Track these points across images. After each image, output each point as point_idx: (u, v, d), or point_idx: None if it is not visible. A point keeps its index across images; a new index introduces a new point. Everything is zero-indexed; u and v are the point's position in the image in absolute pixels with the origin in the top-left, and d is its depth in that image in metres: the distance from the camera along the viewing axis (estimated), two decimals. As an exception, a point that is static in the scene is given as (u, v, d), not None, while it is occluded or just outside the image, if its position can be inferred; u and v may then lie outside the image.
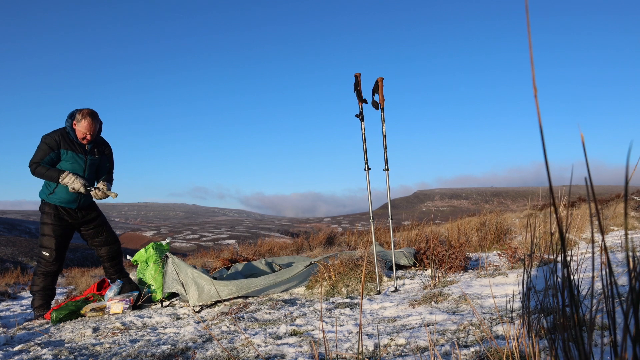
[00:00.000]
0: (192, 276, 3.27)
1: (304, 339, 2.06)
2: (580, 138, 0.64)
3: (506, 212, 9.96)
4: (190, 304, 3.21)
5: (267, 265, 4.07)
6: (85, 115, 3.45)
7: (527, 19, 0.56)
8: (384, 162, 3.29)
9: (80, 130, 3.45)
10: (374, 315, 2.44)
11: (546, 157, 0.64)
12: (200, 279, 3.24)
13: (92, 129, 3.47)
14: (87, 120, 3.44)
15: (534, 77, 0.59)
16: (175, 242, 58.33)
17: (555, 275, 1.03)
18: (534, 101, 0.60)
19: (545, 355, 1.37)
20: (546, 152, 0.64)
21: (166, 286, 3.44)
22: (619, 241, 4.30)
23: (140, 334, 2.54)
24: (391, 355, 1.73)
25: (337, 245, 6.72)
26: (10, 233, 39.13)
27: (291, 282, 3.38)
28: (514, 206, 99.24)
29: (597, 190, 0.65)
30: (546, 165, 0.66)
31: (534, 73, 0.59)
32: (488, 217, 6.27)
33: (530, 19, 0.58)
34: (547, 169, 0.66)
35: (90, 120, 3.45)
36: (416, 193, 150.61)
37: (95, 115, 3.53)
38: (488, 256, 4.17)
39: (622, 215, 6.17)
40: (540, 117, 0.62)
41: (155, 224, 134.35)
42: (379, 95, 3.23)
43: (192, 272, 3.28)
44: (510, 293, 2.40)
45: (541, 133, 0.62)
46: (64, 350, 2.31)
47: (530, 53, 0.57)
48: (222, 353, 1.99)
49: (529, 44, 0.58)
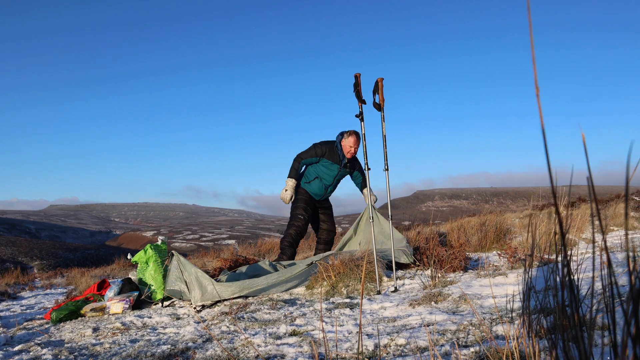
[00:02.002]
0: (196, 275, 3.27)
1: (304, 339, 2.06)
2: (582, 138, 0.64)
3: (506, 212, 9.97)
4: (193, 303, 3.22)
5: (270, 266, 4.07)
6: (352, 133, 4.45)
7: (529, 18, 0.56)
8: (384, 162, 3.29)
9: (346, 145, 4.46)
10: (374, 315, 2.44)
11: (548, 157, 0.64)
12: (203, 279, 3.25)
13: (356, 145, 4.45)
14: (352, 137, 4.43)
15: (535, 77, 0.59)
16: (175, 242, 58.30)
17: (555, 275, 1.03)
18: (536, 101, 0.60)
19: (545, 355, 1.37)
20: (548, 152, 0.64)
21: (169, 284, 3.44)
22: (619, 241, 4.30)
23: (140, 334, 2.54)
24: (391, 355, 1.73)
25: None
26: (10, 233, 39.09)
27: (293, 281, 3.38)
28: (514, 206, 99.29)
29: (597, 190, 0.65)
30: (548, 165, 0.66)
31: (535, 73, 0.59)
32: (488, 217, 6.27)
33: (534, 19, 0.58)
34: (549, 168, 0.66)
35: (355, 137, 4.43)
36: (416, 193, 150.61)
37: (359, 134, 4.42)
38: (488, 256, 4.16)
39: (622, 216, 6.17)
40: (542, 117, 0.62)
41: (155, 224, 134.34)
42: (379, 96, 3.23)
43: (196, 272, 3.29)
44: (510, 293, 2.40)
45: (543, 133, 0.62)
46: (64, 350, 2.31)
47: (532, 54, 0.57)
48: (222, 353, 1.99)
49: (531, 44, 0.58)
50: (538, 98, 0.59)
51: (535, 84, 0.59)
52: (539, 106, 0.61)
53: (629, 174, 0.64)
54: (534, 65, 0.57)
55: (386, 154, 3.28)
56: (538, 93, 0.58)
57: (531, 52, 0.57)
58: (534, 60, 0.57)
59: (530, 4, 0.56)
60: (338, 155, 4.50)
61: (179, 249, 41.43)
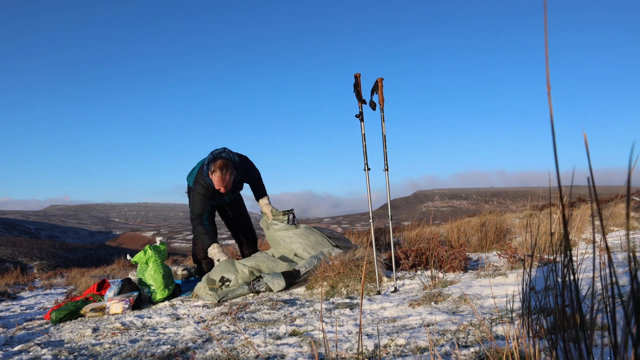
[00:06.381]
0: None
1: (304, 339, 2.06)
2: (584, 138, 0.64)
3: (506, 212, 9.96)
4: (275, 290, 3.36)
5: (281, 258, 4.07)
6: (216, 169, 3.78)
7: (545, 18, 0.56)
8: (383, 162, 3.28)
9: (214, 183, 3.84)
10: (374, 316, 2.44)
11: (556, 156, 0.64)
12: None
13: (224, 183, 3.83)
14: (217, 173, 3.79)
15: (548, 76, 0.59)
16: (175, 242, 58.27)
17: (555, 275, 1.02)
18: (547, 99, 0.59)
19: (545, 355, 1.37)
20: (556, 151, 0.63)
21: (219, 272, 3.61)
22: (619, 241, 4.30)
23: (140, 334, 2.54)
24: (391, 355, 1.73)
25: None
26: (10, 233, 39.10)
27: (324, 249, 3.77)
28: (514, 206, 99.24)
29: (597, 190, 0.65)
30: (556, 165, 0.65)
31: (548, 72, 0.58)
32: (488, 217, 6.27)
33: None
34: (557, 167, 0.65)
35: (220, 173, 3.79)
36: (416, 193, 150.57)
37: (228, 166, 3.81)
38: (488, 256, 4.16)
39: (622, 216, 6.17)
40: (552, 115, 0.62)
41: (155, 224, 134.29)
42: (379, 96, 3.23)
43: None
44: (510, 293, 2.40)
45: (552, 132, 0.62)
46: (64, 351, 2.31)
47: (546, 52, 0.56)
48: (222, 353, 1.99)
49: (545, 43, 0.58)
50: (549, 97, 0.59)
51: (547, 83, 0.59)
52: (550, 105, 0.61)
53: (630, 174, 0.64)
54: (547, 63, 0.57)
55: (386, 154, 3.27)
56: (549, 91, 0.58)
57: (545, 51, 0.57)
58: (547, 59, 0.56)
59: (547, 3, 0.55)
60: (216, 192, 3.94)
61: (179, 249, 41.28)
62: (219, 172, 3.74)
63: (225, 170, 3.76)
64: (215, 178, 3.76)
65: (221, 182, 3.78)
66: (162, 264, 3.80)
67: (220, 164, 3.75)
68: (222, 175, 3.76)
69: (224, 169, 3.75)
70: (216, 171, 3.74)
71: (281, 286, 3.37)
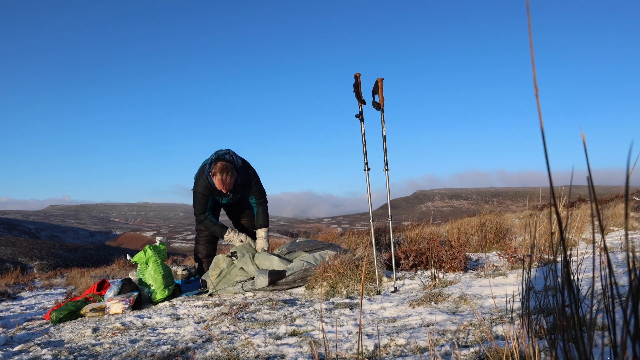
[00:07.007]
0: None
1: (304, 339, 2.06)
2: (582, 138, 0.64)
3: (506, 212, 9.96)
4: (257, 286, 3.42)
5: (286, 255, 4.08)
6: (216, 172, 3.86)
7: (528, 18, 0.56)
8: (383, 162, 3.29)
9: (216, 185, 3.94)
10: (374, 316, 2.44)
11: (547, 156, 0.64)
12: None
13: (224, 184, 3.90)
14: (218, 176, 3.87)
15: (534, 76, 0.59)
16: (175, 242, 58.28)
17: (555, 275, 1.03)
18: (535, 101, 0.60)
19: (545, 355, 1.37)
20: (547, 152, 0.64)
21: None
22: (619, 241, 4.30)
23: (140, 334, 2.54)
24: (391, 355, 1.73)
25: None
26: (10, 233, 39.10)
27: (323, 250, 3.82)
28: (514, 206, 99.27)
29: (597, 190, 0.65)
30: (547, 165, 0.66)
31: (534, 72, 0.59)
32: (488, 217, 6.27)
33: (532, 19, 0.58)
34: (548, 168, 0.66)
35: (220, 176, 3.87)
36: (416, 193, 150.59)
37: (228, 169, 3.89)
38: (488, 256, 4.17)
39: (621, 216, 6.17)
40: (541, 117, 0.62)
41: (155, 224, 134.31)
42: (379, 96, 3.23)
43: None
44: (510, 293, 2.40)
45: (542, 133, 0.62)
46: (64, 351, 2.31)
47: (532, 53, 0.57)
48: (222, 353, 1.99)
49: (530, 44, 0.58)
50: (537, 99, 0.59)
51: (534, 84, 0.59)
52: (538, 106, 0.61)
53: (628, 173, 0.64)
54: (533, 65, 0.57)
55: (386, 154, 3.27)
56: (537, 93, 0.59)
57: (530, 52, 0.57)
58: (533, 60, 0.57)
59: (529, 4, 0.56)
60: (218, 191, 4.04)
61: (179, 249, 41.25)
62: (218, 174, 3.84)
63: (225, 174, 3.84)
64: (216, 180, 3.87)
65: (221, 184, 3.87)
66: (162, 264, 3.80)
67: (220, 167, 3.84)
68: (222, 178, 3.84)
69: (223, 172, 3.84)
70: (216, 174, 3.84)
71: (264, 283, 3.38)
